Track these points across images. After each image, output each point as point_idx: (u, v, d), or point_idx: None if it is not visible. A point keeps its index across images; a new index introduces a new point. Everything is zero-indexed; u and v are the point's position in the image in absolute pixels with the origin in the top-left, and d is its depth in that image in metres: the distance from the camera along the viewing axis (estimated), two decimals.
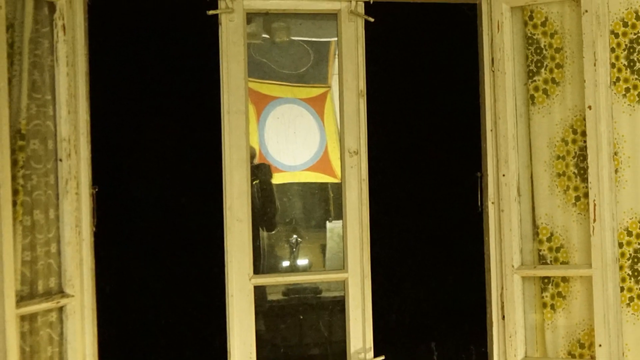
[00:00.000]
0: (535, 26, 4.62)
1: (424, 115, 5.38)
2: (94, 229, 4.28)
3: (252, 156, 5.31)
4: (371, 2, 4.67)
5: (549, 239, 4.60)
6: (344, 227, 4.80)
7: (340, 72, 4.79)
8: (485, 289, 4.82)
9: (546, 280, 4.63)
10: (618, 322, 4.38)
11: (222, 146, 4.44)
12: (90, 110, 4.27)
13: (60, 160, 4.09)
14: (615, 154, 4.46)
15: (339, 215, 5.27)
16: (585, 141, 4.43)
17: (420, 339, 5.35)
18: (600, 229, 4.33)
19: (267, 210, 5.81)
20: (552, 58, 4.57)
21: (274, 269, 6.04)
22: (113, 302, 4.56)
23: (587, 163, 4.39)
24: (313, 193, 6.10)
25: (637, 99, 4.53)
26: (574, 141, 4.51)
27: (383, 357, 4.66)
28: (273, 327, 5.76)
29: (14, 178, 3.83)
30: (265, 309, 5.76)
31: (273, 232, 5.96)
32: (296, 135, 5.87)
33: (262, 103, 5.71)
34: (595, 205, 4.35)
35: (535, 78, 4.61)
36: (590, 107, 4.34)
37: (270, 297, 5.87)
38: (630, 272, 4.50)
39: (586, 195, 4.44)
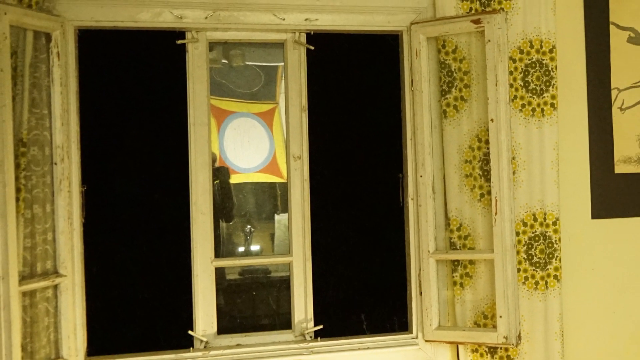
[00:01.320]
0: (447, 53, 5.00)
1: (356, 127, 6.08)
2: (83, 220, 4.69)
3: (214, 160, 5.84)
4: (312, 33, 5.07)
5: (458, 229, 5.02)
6: (289, 219, 5.18)
7: (286, 91, 5.15)
8: (406, 270, 5.24)
9: (456, 263, 5.05)
10: (515, 297, 4.81)
11: (188, 152, 4.86)
12: (80, 123, 4.69)
13: (55, 163, 4.49)
14: (513, 158, 4.94)
15: (285, 209, 5.89)
16: (488, 148, 4.89)
17: (352, 311, 5.95)
18: (500, 221, 4.77)
19: (226, 205, 6.46)
20: (461, 79, 4.99)
21: (232, 254, 6.76)
22: (99, 280, 5.06)
23: (490, 166, 4.86)
24: (264, 191, 6.82)
25: (530, 113, 4.99)
26: (479, 148, 4.95)
27: (321, 326, 5.07)
28: (231, 302, 6.37)
29: (17, 178, 4.23)
30: (224, 287, 6.38)
31: (231, 223, 6.65)
32: (250, 143, 6.58)
33: (221, 116, 6.47)
34: (496, 201, 4.79)
35: (447, 96, 5.01)
36: (492, 120, 4.78)
37: (228, 277, 6.50)
38: (525, 256, 5.00)
39: (489, 192, 4.90)
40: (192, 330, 4.91)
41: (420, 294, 5.10)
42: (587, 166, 5.31)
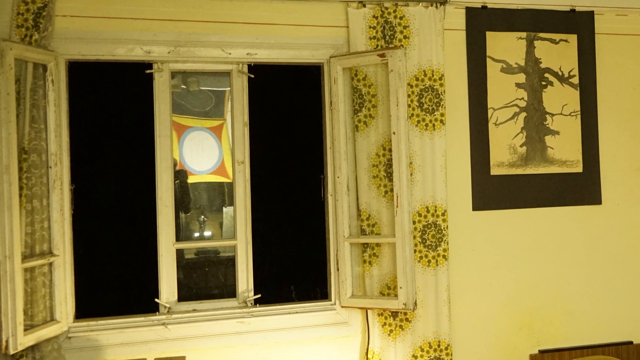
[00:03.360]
0: (359, 80, 5.63)
1: (287, 138, 6.63)
2: (72, 212, 5.27)
3: (175, 164, 6.13)
4: (252, 64, 5.66)
5: (367, 219, 5.62)
6: (234, 210, 5.70)
7: (232, 110, 5.72)
8: (326, 251, 5.87)
9: (365, 245, 5.62)
10: (412, 273, 5.40)
11: (155, 158, 5.46)
12: (70, 135, 5.28)
13: (50, 167, 5.04)
14: (411, 163, 5.56)
15: (231, 203, 6.36)
16: (391, 155, 5.50)
17: (284, 284, 6.53)
18: (400, 212, 5.37)
19: (185, 199, 7.08)
20: (370, 101, 5.61)
21: (189, 238, 7.39)
22: (84, 259, 5.60)
23: (392, 169, 5.47)
24: (214, 189, 7.46)
25: (424, 127, 5.63)
26: (384, 155, 5.57)
27: (260, 295, 5.66)
28: (188, 276, 6.93)
29: (20, 179, 4.76)
30: (183, 264, 6.92)
31: (188, 214, 7.29)
32: (203, 151, 7.23)
33: (181, 130, 7.16)
34: (397, 196, 5.38)
35: (359, 114, 5.63)
36: (394, 133, 5.38)
37: (186, 256, 7.08)
38: (420, 240, 5.63)
39: (391, 190, 5.52)
40: (158, 298, 5.45)
41: (338, 269, 5.69)
42: (469, 169, 5.99)
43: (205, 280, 7.17)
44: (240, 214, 5.69)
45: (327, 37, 5.71)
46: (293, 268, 6.86)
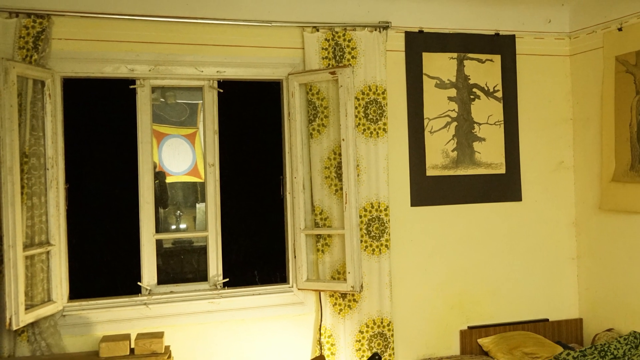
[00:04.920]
0: (313, 94, 5.90)
1: (251, 144, 6.93)
2: (66, 207, 5.53)
3: (155, 167, 6.47)
4: (221, 80, 5.93)
5: (320, 213, 5.92)
6: (206, 206, 5.99)
7: (204, 120, 5.98)
8: (285, 241, 6.15)
9: (319, 236, 5.91)
10: (359, 260, 5.73)
11: (137, 161, 5.73)
12: (64, 141, 5.54)
13: (47, 169, 5.30)
14: (358, 165, 5.87)
15: (203, 199, 6.60)
16: (340, 158, 5.78)
17: (248, 269, 6.76)
18: (349, 208, 5.67)
19: (163, 197, 7.35)
20: (322, 112, 5.90)
21: (167, 230, 7.64)
22: (77, 248, 5.80)
23: (342, 171, 5.74)
24: (189, 187, 7.78)
25: (369, 135, 5.99)
26: (335, 158, 5.87)
27: (227, 279, 5.92)
28: (166, 263, 7.16)
29: (21, 179, 5.01)
30: (162, 252, 7.10)
31: (166, 209, 7.59)
32: (179, 155, 7.56)
33: (160, 137, 7.44)
34: (346, 194, 5.69)
35: (313, 123, 5.90)
36: (343, 140, 5.68)
37: (165, 246, 7.25)
38: (365, 232, 5.97)
39: (341, 189, 5.80)
40: (140, 281, 5.73)
41: (295, 257, 5.98)
42: (408, 171, 6.36)
43: (181, 266, 7.37)
44: (210, 209, 5.95)
45: (285, 57, 6.02)
46: (256, 256, 7.06)
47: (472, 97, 6.60)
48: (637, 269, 6.18)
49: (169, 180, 7.82)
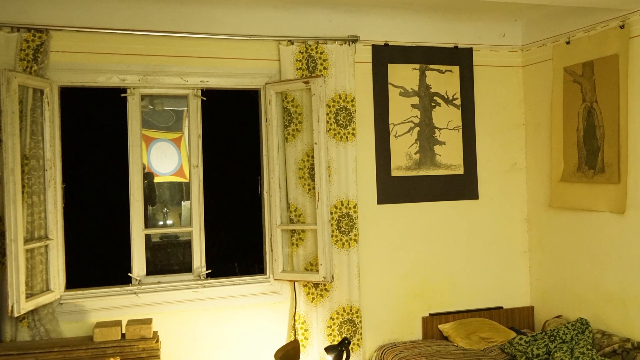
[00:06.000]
0: (288, 101, 6.07)
1: (232, 147, 7.05)
2: (63, 205, 5.68)
3: (144, 168, 6.48)
4: (204, 89, 6.08)
5: (295, 211, 6.07)
6: (191, 203, 6.14)
7: (189, 125, 6.14)
8: (263, 235, 6.33)
9: (293, 232, 6.06)
10: (330, 253, 5.89)
11: (128, 163, 5.89)
12: (61, 144, 5.68)
13: (46, 170, 5.47)
14: (329, 167, 6.06)
15: (188, 198, 6.64)
16: (313, 160, 5.96)
17: (229, 261, 6.90)
18: (321, 205, 5.86)
19: (151, 195, 7.44)
20: (297, 118, 6.05)
21: (155, 225, 7.63)
22: (73, 242, 5.98)
23: (314, 171, 5.93)
24: (175, 187, 7.86)
25: (340, 139, 6.18)
26: (308, 160, 6.04)
27: (210, 270, 6.07)
28: (154, 255, 7.23)
29: (22, 179, 5.18)
30: (151, 246, 7.14)
31: (154, 207, 7.64)
32: (166, 157, 7.65)
33: (149, 141, 7.53)
34: (318, 193, 5.88)
35: (288, 128, 6.04)
36: (316, 143, 5.85)
37: (153, 240, 7.33)
38: (336, 227, 6.18)
39: (314, 188, 5.97)
40: (130, 272, 5.91)
41: (272, 250, 6.13)
42: (374, 171, 6.56)
43: (168, 258, 7.47)
44: (195, 207, 6.09)
45: (263, 68, 6.19)
46: (237, 249, 7.30)
47: (433, 104, 6.78)
48: (583, 261, 6.37)
49: (156, 180, 7.92)
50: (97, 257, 6.73)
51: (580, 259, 6.44)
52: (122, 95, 5.95)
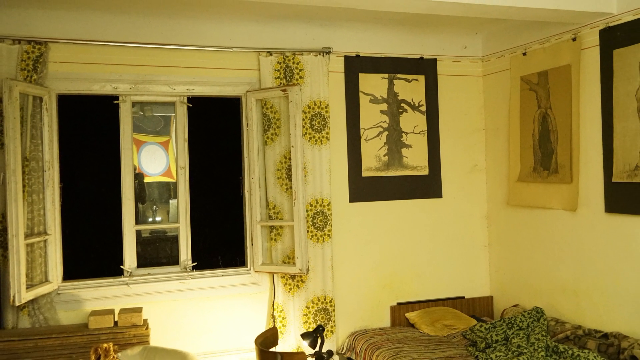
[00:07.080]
0: (267, 108, 6.30)
1: (216, 149, 7.22)
2: (61, 203, 5.88)
3: (135, 169, 6.54)
4: (190, 97, 6.28)
5: (274, 208, 6.33)
6: (178, 202, 6.32)
7: (176, 130, 6.40)
8: (244, 231, 6.52)
9: (272, 227, 6.31)
10: (306, 247, 6.13)
11: (120, 164, 6.08)
12: (59, 147, 5.86)
13: (45, 171, 5.65)
14: (305, 168, 6.28)
15: (175, 196, 6.57)
16: (290, 162, 6.17)
17: (213, 254, 6.97)
18: (297, 203, 6.09)
19: (142, 194, 7.55)
20: (275, 123, 6.30)
21: (145, 222, 7.79)
22: (70, 237, 6.12)
23: (291, 172, 6.15)
24: (163, 186, 7.97)
25: (315, 142, 6.43)
26: (285, 162, 6.27)
27: (196, 263, 6.27)
28: (145, 249, 7.35)
29: (23, 179, 5.37)
30: (141, 241, 7.22)
31: (144, 204, 7.78)
32: (155, 159, 7.78)
33: (139, 144, 7.66)
34: (295, 192, 6.10)
35: (267, 132, 6.27)
36: (293, 146, 6.07)
37: (143, 235, 7.43)
38: (311, 223, 6.41)
39: (291, 187, 6.19)
40: (122, 265, 6.11)
41: (252, 244, 6.38)
42: (347, 172, 6.80)
43: (157, 252, 7.54)
44: (182, 205, 6.31)
45: (244, 77, 6.39)
46: (220, 243, 7.40)
47: (400, 110, 7.01)
48: (539, 254, 6.58)
49: (146, 180, 8.02)
50: (91, 251, 6.77)
51: (535, 253, 6.62)
52: (115, 102, 6.13)
